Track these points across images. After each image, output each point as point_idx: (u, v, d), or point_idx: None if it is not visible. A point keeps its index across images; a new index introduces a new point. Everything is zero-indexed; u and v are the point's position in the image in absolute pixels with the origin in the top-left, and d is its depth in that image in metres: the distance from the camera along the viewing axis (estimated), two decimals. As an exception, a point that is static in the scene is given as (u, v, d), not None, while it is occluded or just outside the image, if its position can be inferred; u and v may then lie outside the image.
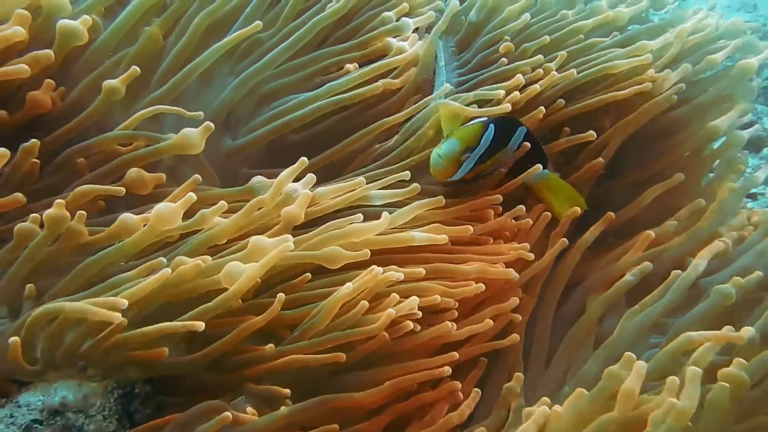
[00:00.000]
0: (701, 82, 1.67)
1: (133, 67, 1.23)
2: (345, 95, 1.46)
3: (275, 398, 1.11)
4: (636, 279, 1.39)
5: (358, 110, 1.54)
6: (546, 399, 1.12)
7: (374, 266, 1.14)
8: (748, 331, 1.09)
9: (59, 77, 1.25)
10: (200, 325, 1.02)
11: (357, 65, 1.52)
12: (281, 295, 1.09)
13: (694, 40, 1.66)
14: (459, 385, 1.21)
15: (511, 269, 1.34)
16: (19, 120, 1.21)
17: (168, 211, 1.06)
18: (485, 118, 1.42)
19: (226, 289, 1.07)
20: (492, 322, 1.27)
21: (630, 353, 1.04)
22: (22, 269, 1.06)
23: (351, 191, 1.26)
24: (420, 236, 1.25)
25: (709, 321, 1.25)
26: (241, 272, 1.05)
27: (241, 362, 1.15)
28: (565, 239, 1.43)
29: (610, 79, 1.61)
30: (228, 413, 1.02)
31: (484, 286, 1.29)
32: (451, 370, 1.19)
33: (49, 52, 1.19)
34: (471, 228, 1.34)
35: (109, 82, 1.22)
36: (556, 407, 1.06)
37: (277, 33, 1.47)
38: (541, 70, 1.54)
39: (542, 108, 1.50)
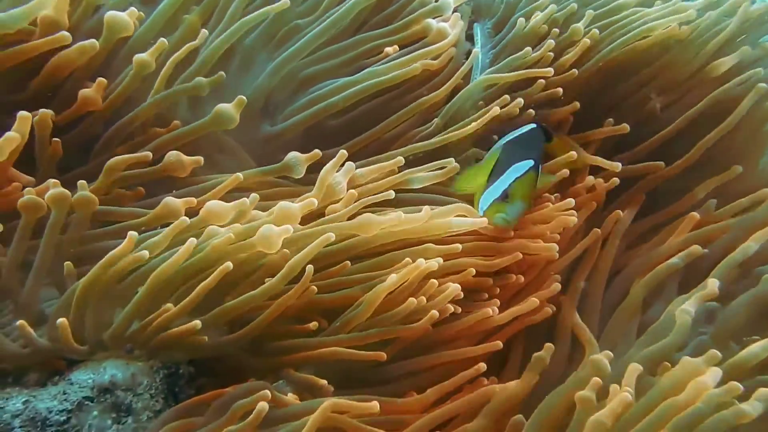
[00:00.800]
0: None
1: (161, 39, 1.26)
2: (383, 77, 1.46)
3: (314, 386, 1.15)
4: (682, 262, 1.35)
5: (398, 94, 1.54)
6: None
7: (419, 259, 1.16)
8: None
9: (102, 68, 1.29)
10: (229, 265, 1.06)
11: (397, 47, 1.51)
12: (310, 268, 1.11)
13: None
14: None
15: (552, 244, 1.34)
16: (68, 117, 1.26)
17: (220, 209, 1.10)
18: (528, 163, 1.36)
19: (263, 255, 1.11)
20: (537, 301, 1.28)
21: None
22: (45, 252, 1.09)
23: (390, 173, 1.27)
24: (458, 222, 1.25)
25: (758, 310, 1.20)
26: (275, 234, 1.07)
27: (282, 348, 1.18)
28: (598, 230, 1.42)
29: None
30: (267, 391, 1.04)
31: (521, 255, 1.30)
32: (486, 367, 1.20)
33: (94, 42, 1.23)
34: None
35: (139, 56, 1.24)
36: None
37: (316, 20, 1.48)
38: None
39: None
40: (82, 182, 1.11)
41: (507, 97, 1.48)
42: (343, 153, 1.22)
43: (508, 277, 1.34)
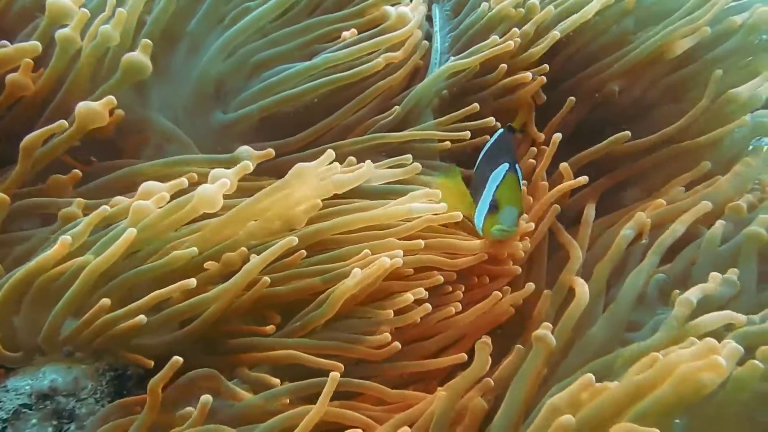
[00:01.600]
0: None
1: (82, 10, 1.20)
2: (344, 74, 1.41)
3: (269, 386, 1.10)
4: (633, 232, 1.33)
5: (356, 81, 1.49)
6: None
7: (382, 256, 1.13)
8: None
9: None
10: (192, 282, 1.03)
11: (356, 31, 1.47)
12: (257, 259, 1.07)
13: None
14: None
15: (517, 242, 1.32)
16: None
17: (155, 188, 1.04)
18: (504, 167, 1.32)
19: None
20: (500, 294, 1.26)
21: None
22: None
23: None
24: (418, 207, 1.21)
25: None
26: (213, 191, 1.03)
27: (236, 346, 1.13)
28: (557, 206, 1.41)
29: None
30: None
31: (486, 256, 1.28)
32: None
33: (36, 44, 1.18)
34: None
35: (61, 32, 1.19)
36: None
37: (266, 1, 1.43)
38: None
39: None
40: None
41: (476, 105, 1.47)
42: (330, 153, 1.15)
43: (471, 279, 1.31)
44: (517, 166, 1.34)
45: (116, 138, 1.31)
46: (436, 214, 1.23)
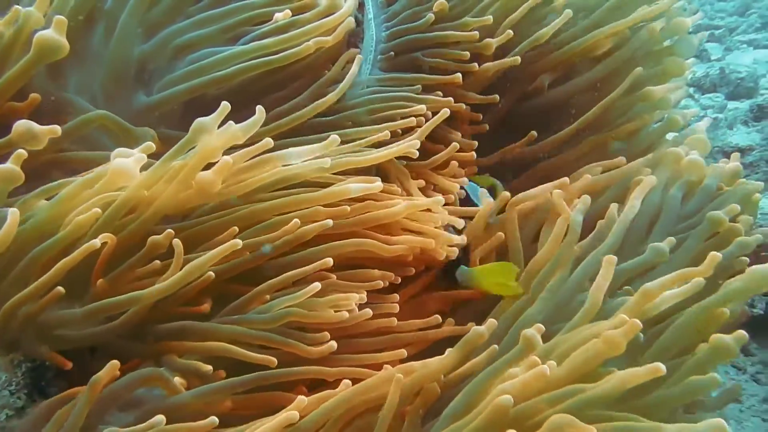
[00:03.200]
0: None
1: None
2: (274, 58, 1.39)
3: (200, 372, 1.08)
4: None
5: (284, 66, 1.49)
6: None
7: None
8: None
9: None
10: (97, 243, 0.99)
11: (290, 12, 1.46)
12: (177, 243, 1.05)
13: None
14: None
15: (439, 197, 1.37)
16: None
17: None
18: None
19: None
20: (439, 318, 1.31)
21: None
22: None
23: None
24: (356, 187, 1.22)
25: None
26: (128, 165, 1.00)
27: (166, 332, 1.10)
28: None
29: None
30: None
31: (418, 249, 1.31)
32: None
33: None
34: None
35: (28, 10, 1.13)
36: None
37: (191, -19, 1.41)
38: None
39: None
40: None
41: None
42: (267, 141, 1.13)
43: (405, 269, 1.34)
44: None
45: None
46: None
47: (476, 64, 1.60)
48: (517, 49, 1.63)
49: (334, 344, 1.14)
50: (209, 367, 1.07)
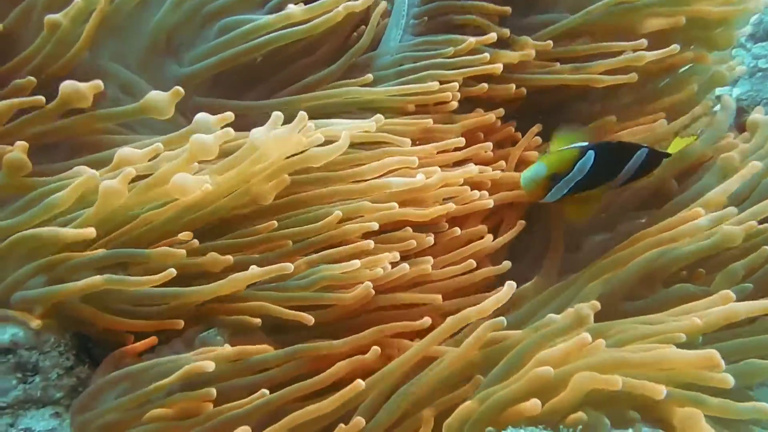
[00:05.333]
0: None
1: None
2: (302, 27, 1.40)
3: (248, 330, 1.12)
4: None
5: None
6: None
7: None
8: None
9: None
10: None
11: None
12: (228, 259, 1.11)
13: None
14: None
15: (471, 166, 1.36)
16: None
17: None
18: (588, 144, 1.37)
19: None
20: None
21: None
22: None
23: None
24: (398, 181, 1.25)
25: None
26: (189, 182, 1.03)
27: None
28: None
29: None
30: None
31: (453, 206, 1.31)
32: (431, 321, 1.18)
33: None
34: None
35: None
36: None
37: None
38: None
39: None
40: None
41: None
42: (302, 115, 1.12)
43: (441, 227, 1.35)
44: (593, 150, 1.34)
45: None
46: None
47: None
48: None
49: (369, 285, 1.16)
50: (258, 321, 1.12)
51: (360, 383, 1.01)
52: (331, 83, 1.49)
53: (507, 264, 1.35)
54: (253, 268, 1.09)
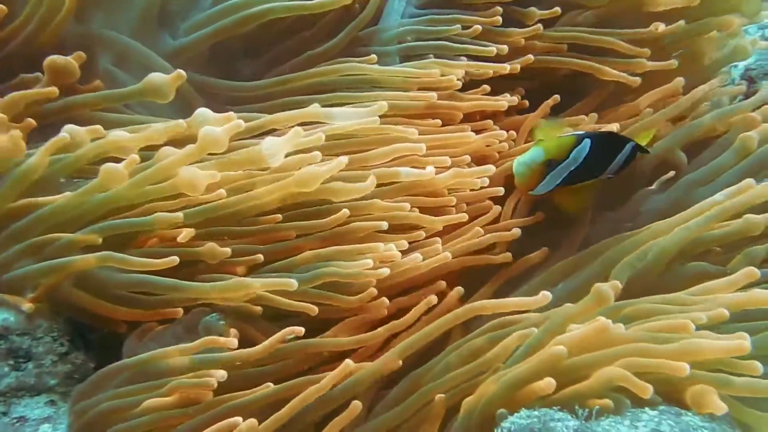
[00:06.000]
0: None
1: None
2: (307, 3, 1.34)
3: (250, 316, 1.09)
4: None
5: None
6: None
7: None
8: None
9: None
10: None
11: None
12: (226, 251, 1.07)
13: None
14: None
15: (489, 165, 1.30)
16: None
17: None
18: (583, 132, 1.35)
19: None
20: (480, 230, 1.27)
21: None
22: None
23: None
24: (406, 171, 1.20)
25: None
26: (199, 177, 0.99)
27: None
28: None
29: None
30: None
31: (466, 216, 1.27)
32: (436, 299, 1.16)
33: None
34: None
35: None
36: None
37: None
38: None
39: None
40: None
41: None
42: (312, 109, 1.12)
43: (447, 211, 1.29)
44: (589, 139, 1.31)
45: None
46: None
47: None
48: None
49: (374, 291, 1.13)
50: (259, 308, 1.08)
51: (349, 363, 1.00)
52: (332, 58, 1.44)
53: (516, 231, 1.30)
54: (265, 279, 1.06)
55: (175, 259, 0.99)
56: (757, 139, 1.35)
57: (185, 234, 1.06)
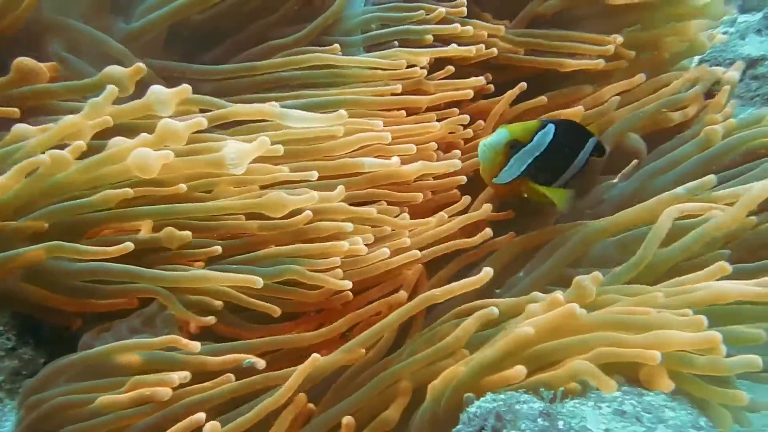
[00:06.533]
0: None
1: None
2: None
3: (209, 311, 1.06)
4: None
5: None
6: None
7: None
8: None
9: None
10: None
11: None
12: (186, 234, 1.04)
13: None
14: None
15: (455, 160, 1.30)
16: None
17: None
18: (548, 119, 1.35)
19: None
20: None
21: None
22: None
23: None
24: (370, 162, 1.19)
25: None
26: (149, 157, 0.95)
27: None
28: None
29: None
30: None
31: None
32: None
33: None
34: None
35: None
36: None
37: None
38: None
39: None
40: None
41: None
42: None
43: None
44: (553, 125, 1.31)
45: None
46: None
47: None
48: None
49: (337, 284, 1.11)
50: (219, 303, 1.05)
51: (316, 356, 0.98)
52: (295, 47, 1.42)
53: (488, 231, 1.30)
54: (227, 273, 1.03)
55: (129, 245, 0.96)
56: (721, 133, 1.38)
57: (144, 228, 1.03)
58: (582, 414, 0.83)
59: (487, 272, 1.06)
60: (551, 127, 1.30)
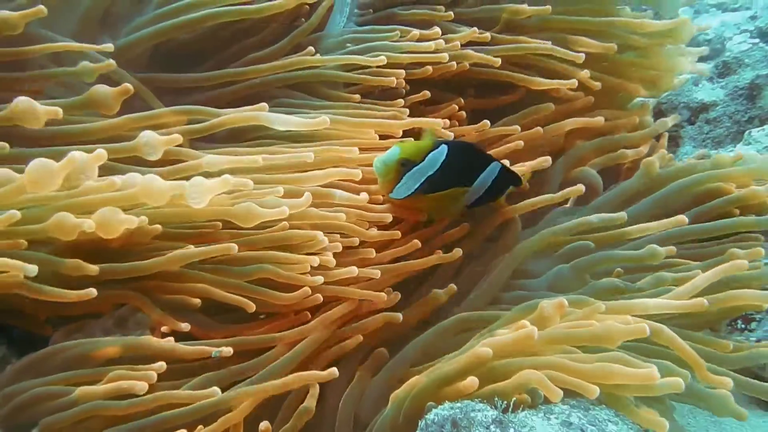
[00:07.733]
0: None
1: None
2: (248, 8, 1.37)
3: (186, 310, 1.11)
4: None
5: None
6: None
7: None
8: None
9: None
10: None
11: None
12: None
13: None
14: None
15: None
16: None
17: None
18: (443, 140, 1.39)
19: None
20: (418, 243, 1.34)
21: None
22: None
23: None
24: (341, 195, 1.26)
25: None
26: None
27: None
28: None
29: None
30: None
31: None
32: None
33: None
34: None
35: None
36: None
37: None
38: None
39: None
40: None
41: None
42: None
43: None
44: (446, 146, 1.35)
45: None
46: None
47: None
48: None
49: (308, 291, 1.17)
50: (197, 301, 1.10)
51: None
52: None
53: (458, 251, 1.36)
54: (192, 248, 1.07)
55: (92, 291, 0.98)
56: (658, 164, 1.49)
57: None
58: (532, 423, 0.91)
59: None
60: (444, 148, 1.34)
